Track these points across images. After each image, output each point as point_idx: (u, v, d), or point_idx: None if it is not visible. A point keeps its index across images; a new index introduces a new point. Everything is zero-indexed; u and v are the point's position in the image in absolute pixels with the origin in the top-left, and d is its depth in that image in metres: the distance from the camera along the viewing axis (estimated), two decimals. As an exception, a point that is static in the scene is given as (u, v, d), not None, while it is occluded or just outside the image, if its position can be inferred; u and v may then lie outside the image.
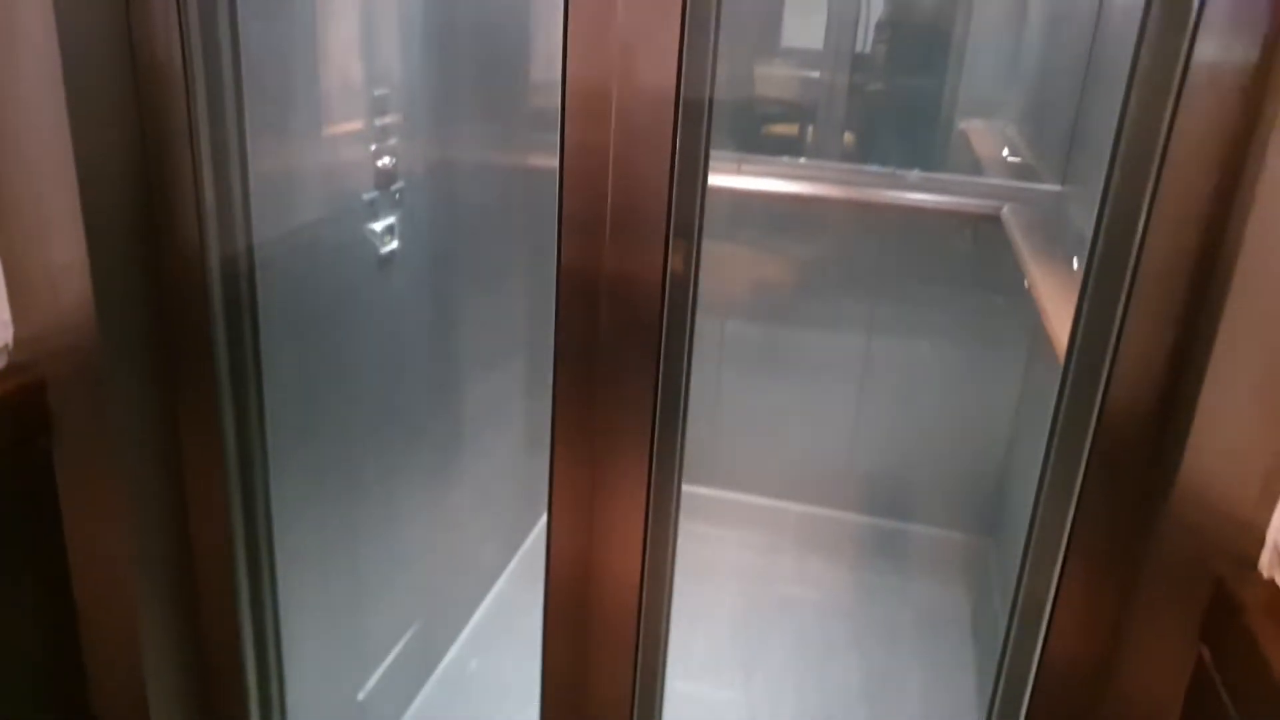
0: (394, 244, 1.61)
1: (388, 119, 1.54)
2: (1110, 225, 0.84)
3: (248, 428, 1.20)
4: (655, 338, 0.93)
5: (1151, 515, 0.81)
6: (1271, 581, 0.77)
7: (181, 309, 1.09)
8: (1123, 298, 0.80)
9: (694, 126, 0.87)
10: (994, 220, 2.18)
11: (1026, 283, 1.70)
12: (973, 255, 2.23)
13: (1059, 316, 1.54)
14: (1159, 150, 0.76)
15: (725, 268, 2.32)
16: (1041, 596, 0.90)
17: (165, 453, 1.14)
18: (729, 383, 2.47)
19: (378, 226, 1.57)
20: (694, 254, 0.94)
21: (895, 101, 2.67)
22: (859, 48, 2.76)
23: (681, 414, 1.03)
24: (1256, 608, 0.76)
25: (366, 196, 1.53)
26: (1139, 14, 0.79)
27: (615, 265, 0.91)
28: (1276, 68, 0.70)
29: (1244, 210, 0.72)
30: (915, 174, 2.28)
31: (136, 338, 1.05)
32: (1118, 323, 0.80)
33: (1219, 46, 0.72)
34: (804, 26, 2.82)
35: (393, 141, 1.56)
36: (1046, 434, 0.93)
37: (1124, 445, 0.82)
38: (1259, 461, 0.76)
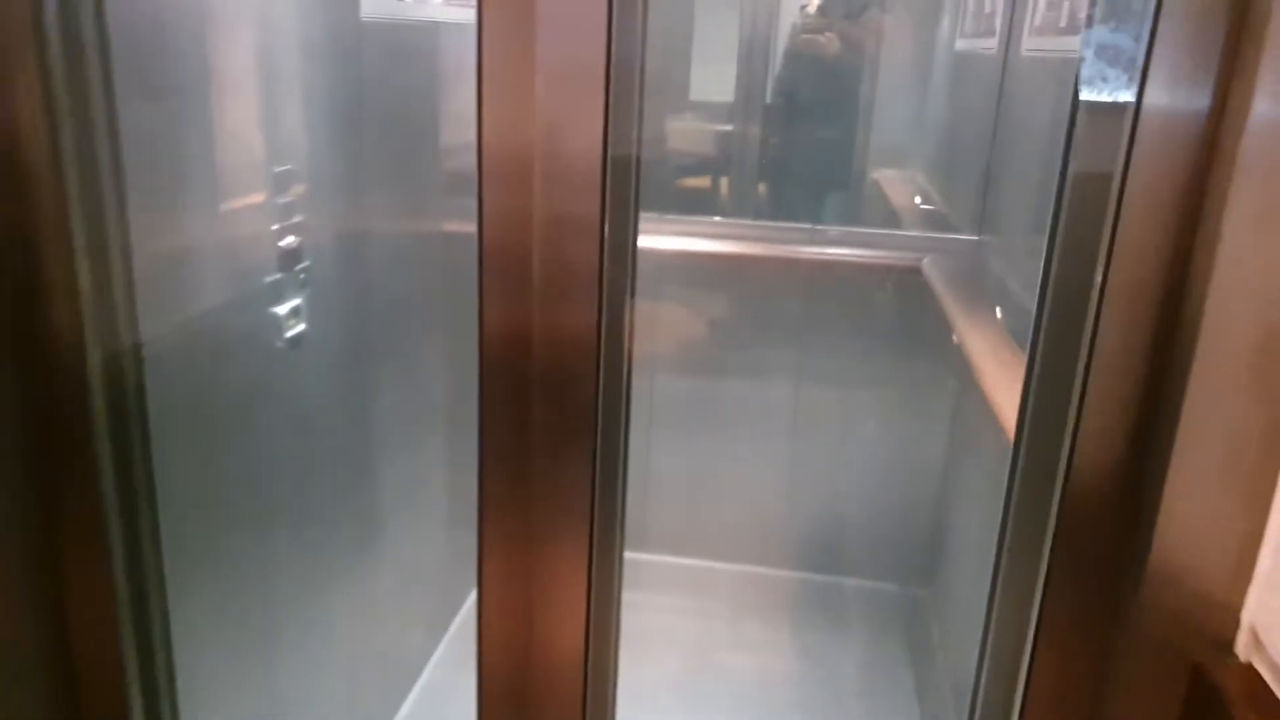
0: (301, 327, 1.51)
1: (290, 196, 1.46)
2: (1057, 296, 0.81)
3: (139, 542, 1.09)
4: (590, 404, 0.87)
5: (1123, 600, 0.78)
6: (1250, 666, 0.74)
7: (59, 420, 0.98)
8: (1079, 374, 0.77)
9: (622, 187, 0.83)
10: (914, 272, 2.18)
11: (955, 337, 1.69)
12: (895, 307, 2.23)
13: (989, 368, 1.53)
14: (1111, 211, 0.73)
15: (646, 326, 2.28)
16: (1007, 690, 0.86)
17: (43, 583, 1.02)
18: (656, 444, 2.41)
19: (282, 310, 1.47)
20: (628, 315, 0.89)
21: (808, 152, 2.69)
22: (769, 99, 2.78)
23: (621, 480, 0.97)
24: (1237, 696, 0.72)
25: (269, 279, 1.44)
26: (1054, 61, 0.77)
27: (545, 331, 0.85)
28: (1228, 121, 0.67)
29: (1204, 276, 0.69)
30: (834, 229, 2.29)
31: (5, 459, 0.94)
32: (1075, 401, 0.77)
33: (1169, 96, 0.69)
34: (713, 78, 2.83)
35: (297, 219, 1.47)
36: (1000, 514, 0.89)
37: (1089, 528, 0.78)
38: (1231, 541, 0.73)
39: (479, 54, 0.75)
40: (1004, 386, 1.39)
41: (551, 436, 0.89)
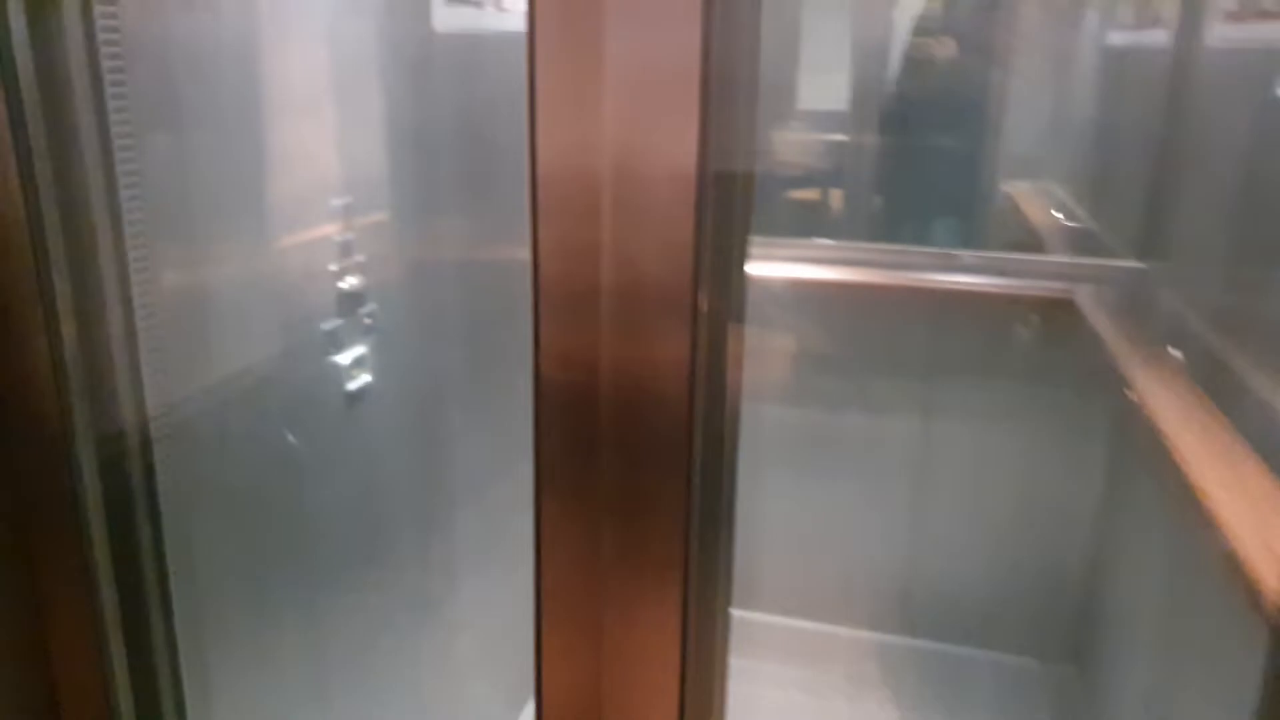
0: (365, 378, 1.34)
1: (351, 233, 1.29)
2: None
3: (148, 641, 0.93)
4: (683, 454, 0.68)
5: None
6: None
7: (45, 516, 0.82)
8: None
9: (727, 205, 0.64)
10: (1059, 305, 1.89)
11: (1131, 395, 1.40)
12: (1038, 344, 1.94)
13: (1183, 438, 1.24)
14: None
15: (750, 363, 2.05)
16: None
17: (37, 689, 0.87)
18: (761, 490, 2.17)
19: (344, 359, 1.31)
20: (731, 350, 0.72)
21: (932, 164, 2.42)
22: (887, 106, 2.52)
23: (727, 533, 0.81)
24: None
25: (327, 326, 1.27)
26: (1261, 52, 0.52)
27: (620, 377, 0.66)
28: None
29: None
30: (965, 254, 2.01)
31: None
32: None
33: None
34: (824, 84, 2.59)
35: (359, 258, 1.30)
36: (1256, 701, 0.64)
37: None
38: None
39: (530, 54, 0.55)
40: (1205, 462, 1.11)
41: (632, 489, 0.70)
